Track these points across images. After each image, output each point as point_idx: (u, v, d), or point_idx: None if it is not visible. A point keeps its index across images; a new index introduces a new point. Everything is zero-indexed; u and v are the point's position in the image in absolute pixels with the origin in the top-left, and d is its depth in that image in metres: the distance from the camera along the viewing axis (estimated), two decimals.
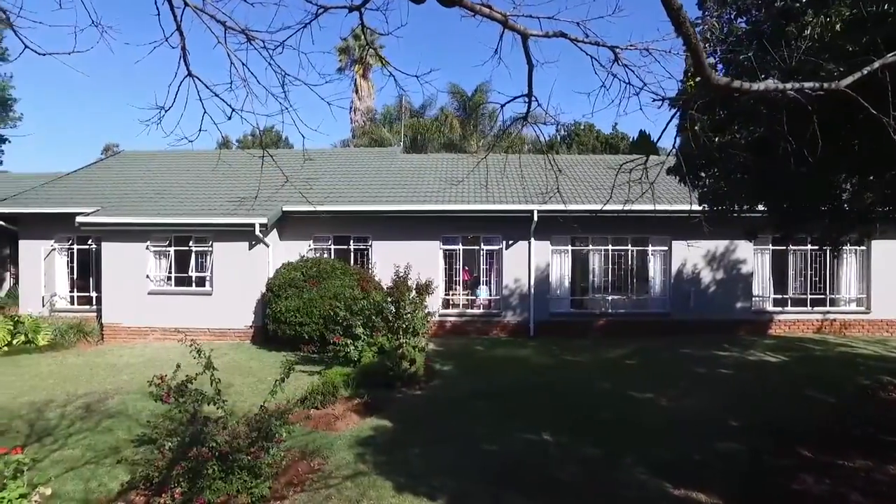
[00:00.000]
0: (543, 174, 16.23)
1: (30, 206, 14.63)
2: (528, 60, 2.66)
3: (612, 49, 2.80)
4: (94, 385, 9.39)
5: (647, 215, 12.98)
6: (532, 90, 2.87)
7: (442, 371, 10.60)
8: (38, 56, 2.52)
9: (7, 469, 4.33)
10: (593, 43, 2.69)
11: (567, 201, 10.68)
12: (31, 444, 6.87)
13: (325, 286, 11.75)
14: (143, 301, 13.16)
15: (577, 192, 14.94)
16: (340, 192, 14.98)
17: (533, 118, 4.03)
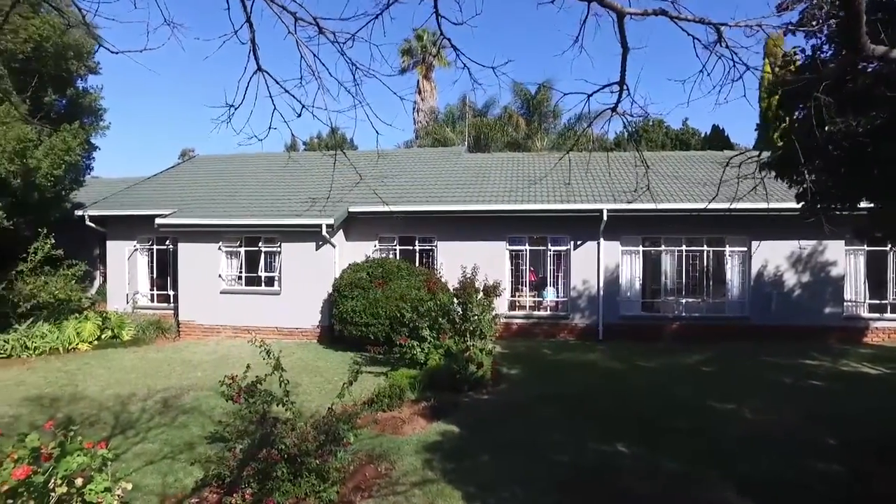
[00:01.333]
0: (613, 172, 15.70)
1: (115, 209, 15.45)
2: (622, 42, 2.38)
3: (717, 27, 2.48)
4: (171, 381, 9.72)
5: (723, 214, 12.24)
6: (625, 77, 2.59)
7: (509, 375, 10.34)
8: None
9: (94, 462, 4.43)
10: (696, 20, 2.39)
11: (647, 199, 10.19)
12: (116, 435, 7.15)
13: (391, 287, 11.72)
14: (216, 300, 13.60)
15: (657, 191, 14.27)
16: (405, 192, 14.97)
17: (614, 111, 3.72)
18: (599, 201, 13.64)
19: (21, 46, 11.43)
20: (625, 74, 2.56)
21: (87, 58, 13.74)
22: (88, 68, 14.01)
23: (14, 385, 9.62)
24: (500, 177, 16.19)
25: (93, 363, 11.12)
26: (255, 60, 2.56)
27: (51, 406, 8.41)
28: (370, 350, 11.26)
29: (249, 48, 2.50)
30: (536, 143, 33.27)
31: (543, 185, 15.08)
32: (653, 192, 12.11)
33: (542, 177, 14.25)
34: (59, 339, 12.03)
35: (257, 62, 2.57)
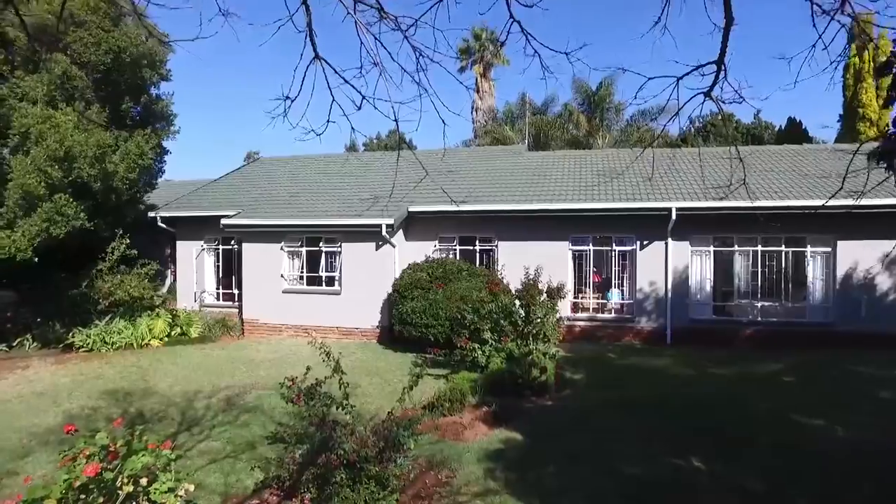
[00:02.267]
0: (680, 168, 14.95)
1: (184, 210, 16.02)
2: (726, 12, 2.07)
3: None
4: (235, 379, 9.90)
5: (805, 213, 11.42)
6: (725, 55, 2.26)
7: (573, 380, 9.94)
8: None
9: (158, 462, 4.44)
10: None
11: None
12: (182, 432, 7.29)
13: (451, 288, 11.54)
14: (278, 299, 13.84)
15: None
16: (466, 191, 14.76)
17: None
18: (667, 199, 13.00)
19: (102, 58, 11.98)
20: (725, 52, 2.23)
21: (159, 66, 14.29)
22: (160, 76, 14.56)
23: (94, 378, 10.05)
24: (562, 175, 15.74)
25: (163, 359, 11.50)
26: (313, 47, 2.40)
27: (124, 400, 8.71)
28: (430, 351, 11.14)
29: (306, 34, 2.35)
30: (598, 140, 32.39)
31: (608, 184, 14.54)
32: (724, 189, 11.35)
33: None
34: (133, 336, 12.54)
35: (314, 49, 2.41)
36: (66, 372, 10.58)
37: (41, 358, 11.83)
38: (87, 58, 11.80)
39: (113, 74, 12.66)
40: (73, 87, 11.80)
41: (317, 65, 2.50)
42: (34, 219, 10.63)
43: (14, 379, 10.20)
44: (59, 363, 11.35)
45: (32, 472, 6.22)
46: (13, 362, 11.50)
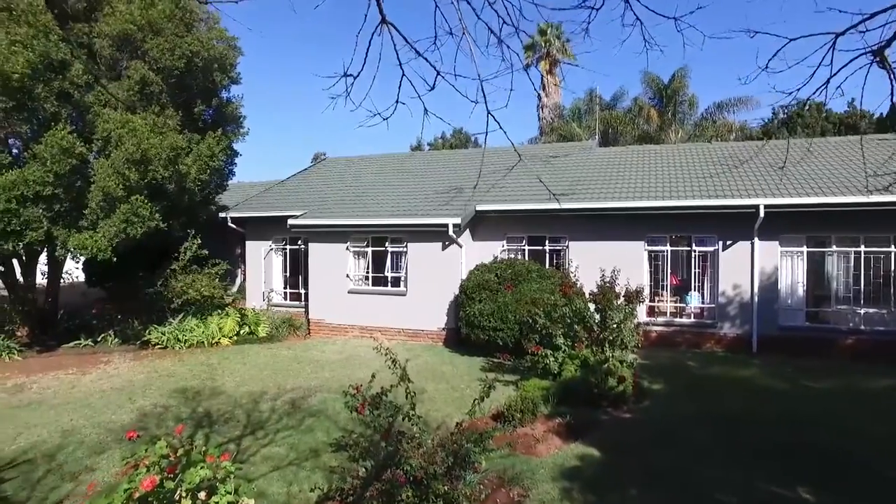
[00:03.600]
0: (767, 162, 13.77)
1: (253, 210, 16.29)
2: None
3: None
4: (300, 380, 9.78)
5: None
6: None
7: (651, 390, 9.22)
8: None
9: (218, 474, 4.23)
10: None
11: None
12: (247, 435, 7.16)
13: (521, 290, 11.03)
14: (344, 299, 13.75)
15: (823, 181, 12.30)
16: (535, 189, 14.19)
17: None
18: (754, 195, 11.96)
19: (176, 63, 12.24)
20: None
21: (229, 69, 14.51)
22: (231, 79, 14.79)
23: (167, 376, 10.22)
24: (637, 171, 14.88)
25: (231, 358, 11.60)
26: (379, 9, 2.01)
27: (193, 399, 8.74)
28: (498, 356, 10.69)
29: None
30: (670, 135, 30.88)
31: (685, 180, 13.60)
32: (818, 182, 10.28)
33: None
34: (204, 334, 12.77)
35: (381, 12, 2.02)
36: (142, 368, 10.83)
37: (121, 353, 12.23)
38: (162, 63, 12.08)
39: (186, 79, 12.93)
40: (150, 92, 12.11)
41: (384, 34, 2.11)
42: (113, 220, 10.95)
43: (97, 374, 10.53)
44: (137, 359, 11.67)
45: (106, 470, 6.24)
46: (97, 357, 11.94)
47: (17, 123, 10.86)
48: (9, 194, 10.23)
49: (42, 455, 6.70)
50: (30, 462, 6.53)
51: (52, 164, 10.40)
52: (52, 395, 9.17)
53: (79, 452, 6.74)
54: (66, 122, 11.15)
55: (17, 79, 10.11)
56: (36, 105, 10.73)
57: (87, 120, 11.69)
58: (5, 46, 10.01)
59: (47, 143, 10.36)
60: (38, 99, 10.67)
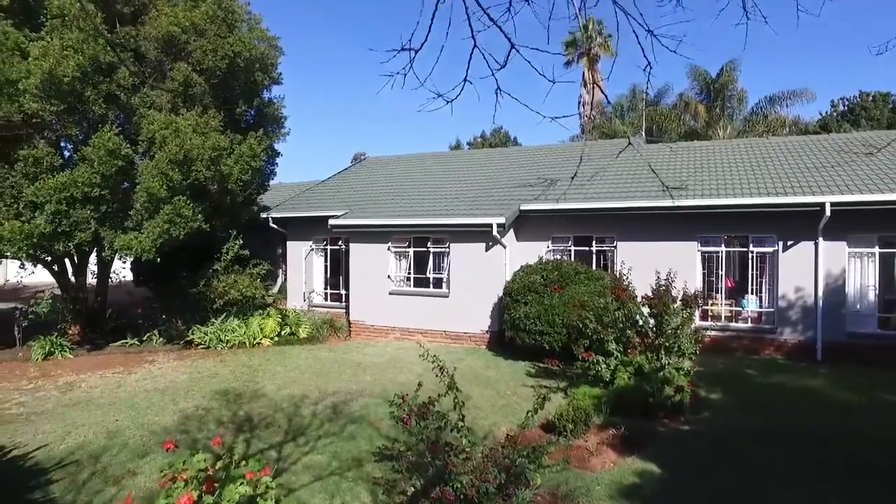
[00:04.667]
0: (831, 158, 12.95)
1: (294, 210, 16.28)
2: None
3: None
4: (342, 383, 9.59)
5: None
6: None
7: (709, 400, 8.67)
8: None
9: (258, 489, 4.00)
10: None
11: None
12: (288, 442, 6.97)
13: (568, 292, 10.60)
14: (385, 300, 13.54)
15: None
16: (580, 187, 13.71)
17: None
18: (819, 192, 11.21)
19: (218, 63, 12.26)
20: None
21: (271, 69, 14.50)
22: (272, 79, 14.79)
23: (209, 377, 10.19)
24: (687, 168, 14.23)
25: (272, 359, 11.52)
26: None
27: (235, 402, 8.63)
28: (544, 360, 10.30)
29: None
30: (718, 130, 29.74)
31: (741, 177, 12.89)
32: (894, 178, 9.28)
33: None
34: (245, 335, 12.75)
35: None
36: (184, 369, 10.84)
37: (165, 353, 12.32)
38: (205, 64, 12.12)
39: (228, 79, 12.95)
40: (193, 93, 12.17)
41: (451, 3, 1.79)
42: (157, 220, 11.02)
43: (142, 373, 10.58)
44: (180, 359, 11.72)
45: (148, 475, 6.12)
46: (142, 356, 12.06)
47: (68, 126, 11.03)
48: (59, 196, 10.38)
49: (88, 456, 6.66)
50: (76, 463, 6.49)
51: (100, 166, 10.51)
52: (100, 395, 9.22)
53: (122, 455, 6.67)
54: (113, 124, 11.28)
55: (67, 82, 10.24)
56: (85, 108, 10.87)
57: (132, 122, 11.81)
58: (58, 51, 10.16)
59: (95, 145, 10.47)
60: (87, 101, 10.81)
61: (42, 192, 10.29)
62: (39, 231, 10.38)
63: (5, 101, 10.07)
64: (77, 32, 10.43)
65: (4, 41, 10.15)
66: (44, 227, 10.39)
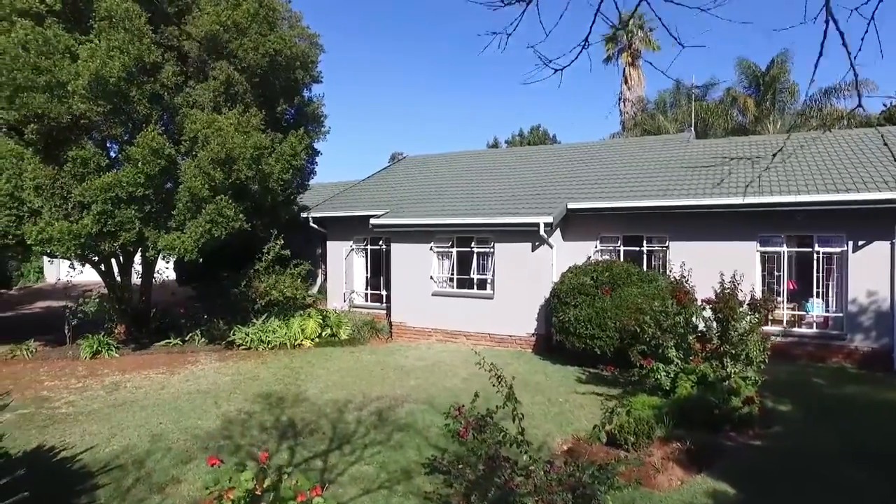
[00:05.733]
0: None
1: (334, 210, 16.14)
2: None
3: None
4: (386, 388, 9.30)
5: None
6: None
7: (778, 412, 8.05)
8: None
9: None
10: None
11: None
12: (333, 450, 6.70)
13: (620, 294, 10.09)
14: (427, 301, 13.22)
15: None
16: (629, 185, 13.14)
17: None
18: None
19: (259, 61, 12.16)
20: None
21: (311, 67, 14.37)
22: (312, 77, 14.66)
23: (250, 379, 10.05)
24: (742, 164, 13.47)
25: (313, 361, 11.33)
26: None
27: (277, 406, 8.44)
28: (596, 366, 9.86)
29: None
30: (768, 125, 28.48)
31: (804, 172, 12.11)
32: None
33: None
34: (286, 336, 12.62)
35: None
36: (226, 370, 10.74)
37: (207, 353, 12.28)
38: (246, 63, 12.03)
39: (269, 78, 12.85)
40: (234, 92, 12.09)
41: None
42: (199, 220, 10.97)
43: (184, 374, 10.53)
44: (222, 360, 11.64)
45: (192, 483, 5.94)
46: (185, 356, 12.04)
47: (113, 126, 11.07)
48: (105, 196, 10.39)
49: (132, 461, 6.53)
50: (121, 468, 6.36)
51: (144, 166, 10.49)
52: (144, 396, 9.16)
53: (166, 460, 6.51)
54: (157, 123, 11.27)
55: (113, 82, 10.24)
56: (130, 108, 10.88)
57: (175, 122, 11.80)
58: (104, 52, 10.18)
59: (139, 144, 10.46)
60: (131, 101, 10.81)
61: (89, 192, 10.32)
62: (87, 231, 10.42)
63: (56, 103, 10.13)
64: (123, 33, 10.43)
65: (56, 44, 10.22)
66: (91, 228, 10.44)
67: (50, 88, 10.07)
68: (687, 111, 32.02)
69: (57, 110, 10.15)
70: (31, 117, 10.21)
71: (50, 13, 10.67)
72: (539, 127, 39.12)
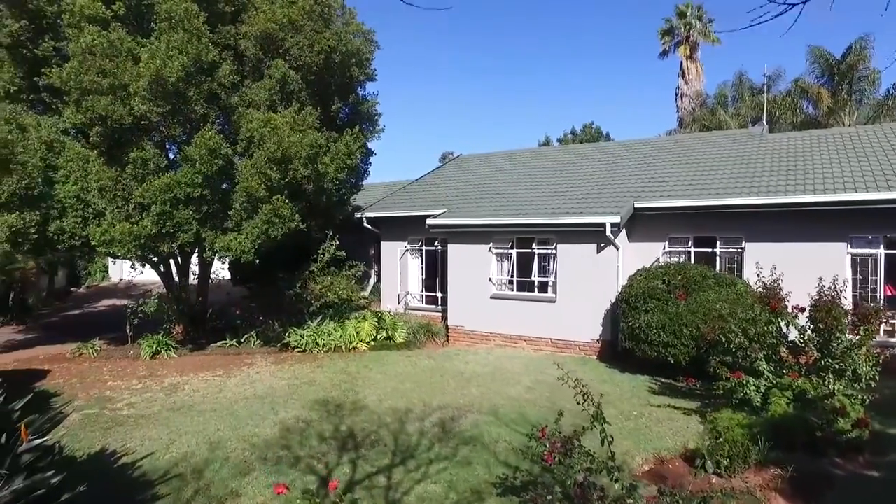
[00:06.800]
0: None
1: (388, 210, 15.85)
2: None
3: None
4: (447, 397, 8.87)
5: None
6: None
7: (888, 436, 7.15)
8: None
9: None
10: None
11: None
12: (397, 465, 6.31)
13: (697, 299, 9.35)
14: (485, 304, 12.72)
15: None
16: (699, 183, 12.30)
17: None
18: None
19: (315, 59, 11.97)
20: None
21: (366, 64, 14.12)
22: (367, 75, 14.41)
23: (307, 384, 9.81)
24: (826, 159, 12.44)
25: (370, 366, 11.03)
26: None
27: (335, 414, 8.14)
28: (666, 375, 9.22)
29: None
30: (843, 118, 26.66)
31: None
32: None
33: None
34: (341, 338, 12.38)
35: None
36: (282, 374, 10.55)
37: (262, 355, 12.17)
38: (301, 61, 11.86)
39: (324, 75, 12.66)
40: (290, 90, 11.93)
41: None
42: (255, 221, 10.84)
43: (241, 377, 10.40)
44: (277, 363, 11.49)
45: (251, 497, 5.65)
46: (241, 358, 11.96)
47: (172, 126, 11.07)
48: (164, 196, 10.38)
49: (191, 470, 6.32)
50: (180, 477, 6.16)
51: (201, 166, 10.43)
52: (201, 399, 9.05)
53: (224, 471, 6.27)
54: (213, 123, 11.23)
55: (172, 82, 10.22)
56: (187, 108, 10.85)
57: (231, 121, 11.74)
58: (164, 52, 10.19)
59: (197, 144, 10.40)
60: (189, 101, 10.78)
61: (149, 192, 10.33)
62: (146, 232, 10.44)
63: (118, 105, 10.18)
64: (182, 33, 10.41)
65: (119, 47, 10.28)
66: (150, 229, 10.45)
67: (113, 90, 10.12)
68: (750, 105, 30.42)
69: (119, 112, 10.19)
70: (96, 120, 10.29)
71: (115, 18, 10.78)
72: (592, 124, 37.99)
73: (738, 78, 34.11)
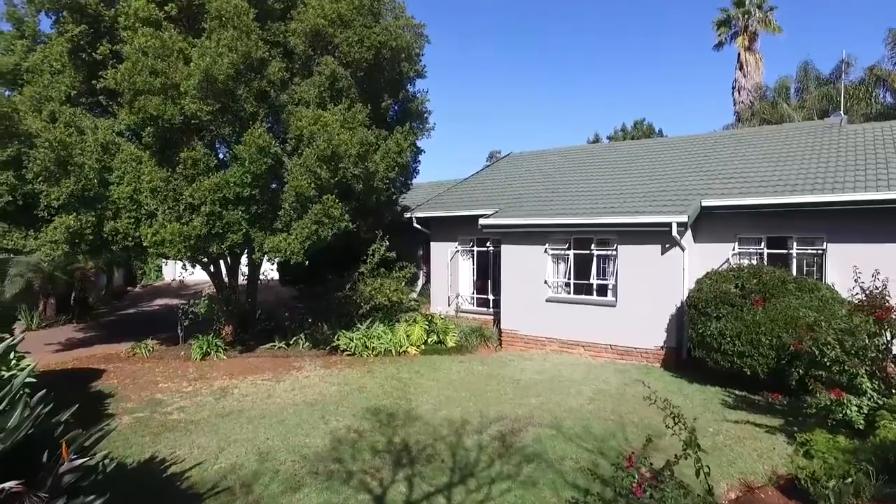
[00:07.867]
0: None
1: (437, 210, 15.44)
2: None
3: None
4: (504, 406, 8.38)
5: None
6: None
7: None
8: None
9: None
10: None
11: None
12: (456, 484, 5.86)
13: (775, 306, 8.56)
14: (541, 308, 12.14)
15: None
16: (772, 179, 11.40)
17: None
18: None
19: (364, 55, 11.69)
20: None
21: (416, 60, 13.77)
22: (416, 72, 14.06)
23: (357, 390, 9.48)
24: None
25: (422, 371, 10.63)
26: None
27: (388, 424, 7.76)
28: (740, 387, 8.53)
29: None
30: None
31: None
32: None
33: None
34: (391, 342, 12.03)
35: None
36: (332, 379, 10.26)
37: (311, 359, 11.92)
38: (351, 57, 11.60)
39: (373, 72, 12.37)
40: (339, 87, 11.68)
41: None
42: (305, 221, 10.62)
43: (290, 382, 10.17)
44: (326, 367, 11.23)
45: None
46: (289, 361, 11.76)
47: (221, 125, 10.95)
48: (213, 196, 10.28)
49: (240, 483, 6.05)
50: (229, 491, 5.89)
51: (250, 165, 10.26)
52: (251, 405, 8.83)
53: (274, 485, 5.96)
54: (263, 121, 11.06)
55: (222, 80, 10.09)
56: (237, 106, 10.71)
57: (281, 120, 11.56)
58: (213, 50, 10.07)
59: (246, 143, 10.25)
60: (239, 100, 10.64)
61: (198, 192, 10.24)
62: (196, 233, 10.35)
63: (170, 105, 10.12)
64: (232, 31, 10.27)
65: (171, 47, 10.23)
66: (200, 229, 10.35)
67: (164, 90, 10.06)
68: (817, 97, 28.67)
69: (171, 112, 10.13)
70: (148, 120, 10.25)
71: (167, 19, 10.75)
72: (644, 121, 36.72)
73: (802, 68, 32.25)
